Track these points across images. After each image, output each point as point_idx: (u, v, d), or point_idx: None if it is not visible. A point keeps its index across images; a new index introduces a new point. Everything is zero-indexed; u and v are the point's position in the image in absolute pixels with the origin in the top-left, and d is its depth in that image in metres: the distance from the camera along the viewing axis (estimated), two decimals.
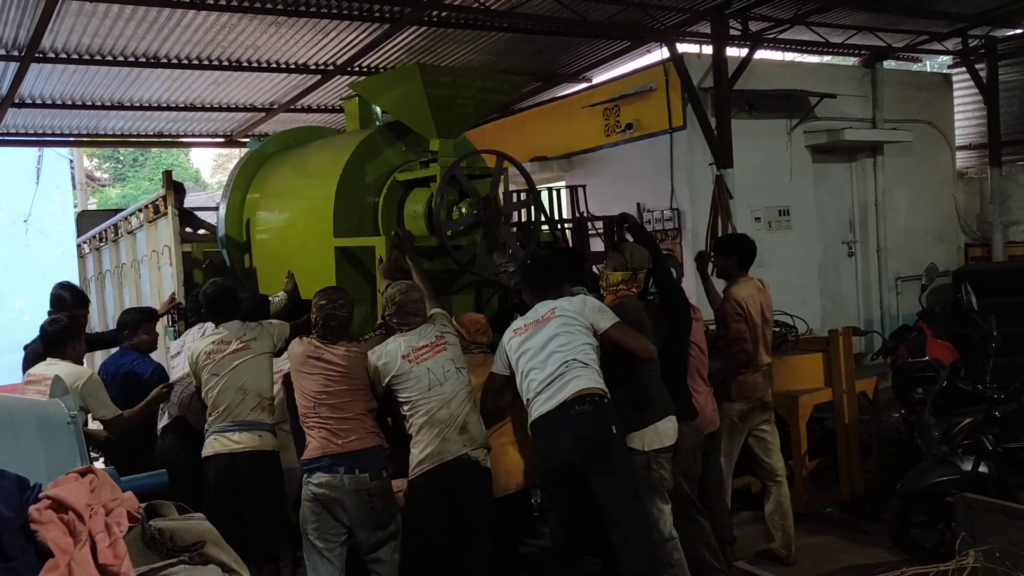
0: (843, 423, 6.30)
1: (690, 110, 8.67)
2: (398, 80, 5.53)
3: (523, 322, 4.31)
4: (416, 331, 4.39)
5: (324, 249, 5.35)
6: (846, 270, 10.54)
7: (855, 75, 10.53)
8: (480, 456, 4.29)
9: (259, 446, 4.52)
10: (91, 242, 8.38)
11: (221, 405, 4.55)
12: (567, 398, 4.06)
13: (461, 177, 5.21)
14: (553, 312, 4.25)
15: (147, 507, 1.87)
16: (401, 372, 4.29)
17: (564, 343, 4.16)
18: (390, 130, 5.70)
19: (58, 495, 1.65)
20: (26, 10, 6.83)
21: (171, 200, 5.88)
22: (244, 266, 6.27)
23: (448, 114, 5.27)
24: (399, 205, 5.51)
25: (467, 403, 4.32)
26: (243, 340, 4.64)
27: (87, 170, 21.52)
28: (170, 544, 1.74)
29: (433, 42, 8.67)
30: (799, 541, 5.47)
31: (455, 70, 6.34)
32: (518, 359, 4.25)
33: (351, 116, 6.17)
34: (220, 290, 4.86)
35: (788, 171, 9.60)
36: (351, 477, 4.18)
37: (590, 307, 4.31)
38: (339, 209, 5.33)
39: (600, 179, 9.73)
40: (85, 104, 9.58)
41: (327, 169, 5.58)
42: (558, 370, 4.11)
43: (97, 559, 1.57)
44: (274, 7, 7.34)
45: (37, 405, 2.57)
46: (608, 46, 9.78)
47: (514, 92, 6.03)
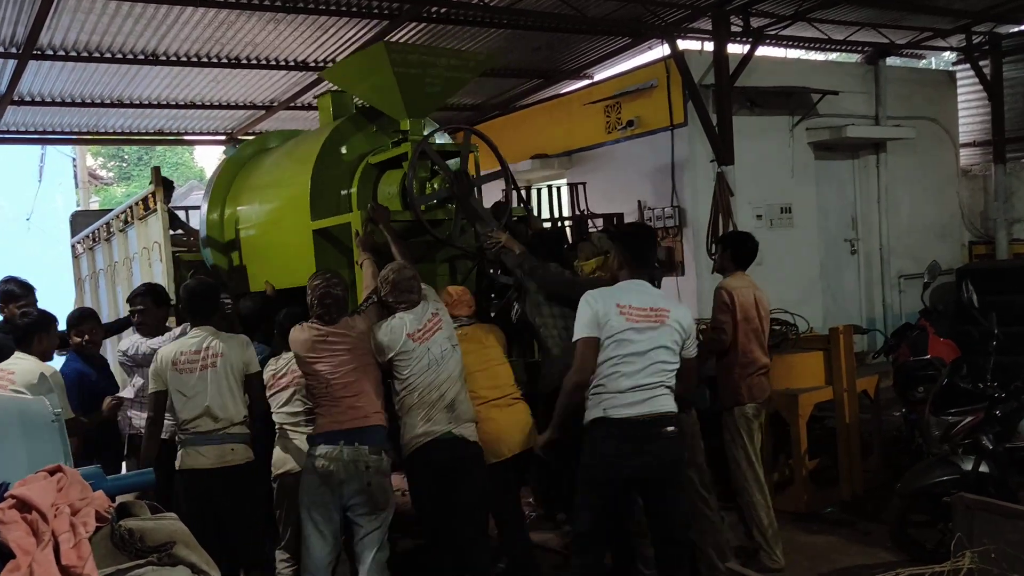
0: (844, 422, 6.24)
1: (691, 107, 8.62)
2: (366, 60, 5.63)
3: (629, 301, 3.96)
4: (416, 309, 4.47)
5: (303, 235, 5.43)
6: (848, 268, 10.48)
7: (858, 72, 10.47)
8: (467, 432, 4.35)
9: (230, 461, 4.51)
10: (84, 241, 8.34)
11: (187, 422, 4.55)
12: (656, 414, 3.91)
13: (431, 152, 5.24)
14: (666, 318, 3.98)
15: (119, 507, 1.83)
16: (405, 350, 4.38)
17: (665, 366, 3.96)
18: (362, 116, 5.79)
19: (22, 494, 1.61)
20: (23, 6, 6.80)
21: (160, 196, 5.85)
22: (226, 266, 6.40)
23: (416, 93, 5.34)
24: (374, 188, 5.56)
25: (458, 381, 4.40)
26: (210, 354, 4.56)
27: (90, 169, 21.55)
28: (139, 544, 1.70)
29: (433, 38, 8.62)
30: (798, 541, 5.42)
31: (421, 48, 6.52)
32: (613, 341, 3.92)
33: (324, 111, 6.24)
34: (200, 287, 4.84)
35: (790, 168, 9.55)
36: (350, 448, 4.25)
37: (693, 332, 4.16)
38: (315, 195, 5.42)
39: (601, 176, 9.68)
40: (85, 102, 9.55)
41: (301, 160, 5.69)
42: (652, 384, 3.92)
43: (60, 560, 1.54)
44: (272, 4, 7.31)
45: (21, 403, 2.54)
46: (609, 43, 9.73)
47: (480, 70, 6.08)
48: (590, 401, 3.97)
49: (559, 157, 10.43)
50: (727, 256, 5.35)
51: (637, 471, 3.89)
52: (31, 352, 4.73)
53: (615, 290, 4.08)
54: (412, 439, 4.37)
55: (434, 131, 5.54)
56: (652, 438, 3.89)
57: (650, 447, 3.88)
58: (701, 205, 8.72)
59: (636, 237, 4.34)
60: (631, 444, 3.87)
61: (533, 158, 10.48)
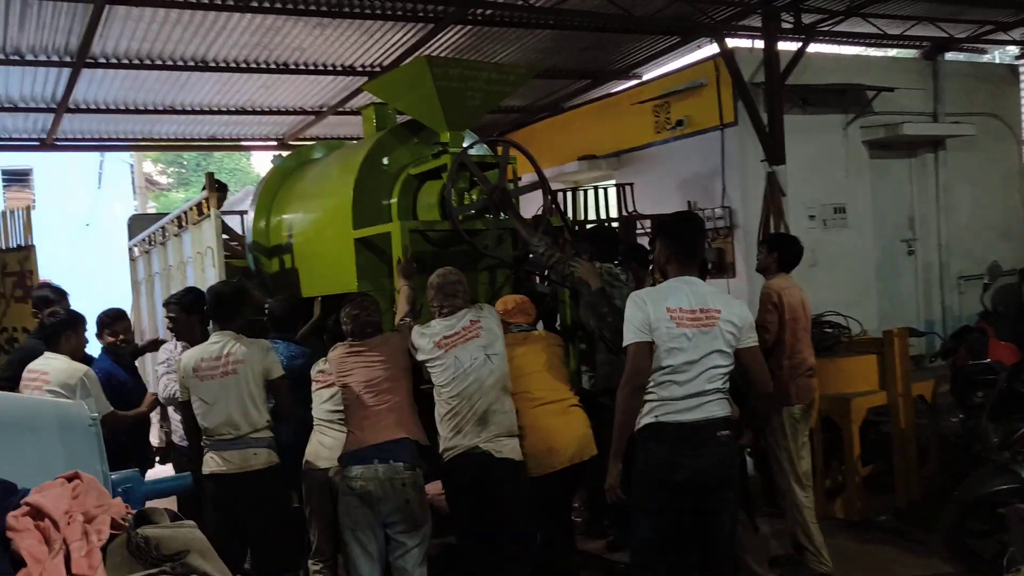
0: (898, 427, 6.08)
1: (741, 106, 8.45)
2: (408, 74, 5.79)
3: (679, 303, 3.76)
4: (455, 315, 4.48)
5: (345, 243, 5.56)
6: (905, 269, 10.18)
7: (915, 68, 10.17)
8: (498, 447, 4.29)
9: (253, 465, 4.52)
10: (141, 245, 8.50)
11: (211, 427, 4.57)
12: (710, 418, 3.74)
13: (470, 164, 5.31)
14: (717, 319, 3.75)
15: (138, 514, 1.82)
16: (432, 357, 4.42)
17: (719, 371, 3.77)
18: (404, 129, 5.93)
19: (36, 502, 1.60)
20: (75, 16, 6.94)
21: (213, 202, 5.91)
22: (269, 271, 6.64)
23: (457, 106, 5.46)
24: (414, 198, 5.68)
25: (492, 391, 4.34)
26: (230, 360, 4.56)
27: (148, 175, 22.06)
28: (155, 553, 1.68)
29: (478, 41, 8.61)
30: (850, 550, 5.27)
31: (463, 61, 6.60)
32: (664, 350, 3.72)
33: (368, 122, 6.39)
34: (226, 290, 4.88)
35: (844, 167, 9.32)
36: (385, 466, 4.24)
37: (749, 323, 3.87)
38: (357, 205, 5.56)
39: (650, 177, 9.57)
40: (138, 109, 9.73)
41: (345, 171, 5.85)
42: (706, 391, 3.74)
43: (71, 568, 1.52)
44: (318, 8, 7.36)
45: (60, 407, 2.57)
46: (657, 42, 9.59)
47: (519, 83, 6.17)
48: (645, 408, 3.81)
49: (607, 158, 10.33)
50: (774, 258, 5.26)
51: (691, 476, 3.72)
52: (60, 351, 4.81)
53: (664, 290, 3.87)
54: (443, 451, 4.39)
55: (473, 143, 5.61)
56: (706, 442, 3.73)
57: (704, 451, 3.72)
58: (752, 206, 8.55)
59: (681, 227, 4.04)
60: (686, 447, 3.72)
61: (581, 159, 10.39)
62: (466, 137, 5.70)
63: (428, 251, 5.54)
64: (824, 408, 5.97)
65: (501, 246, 5.61)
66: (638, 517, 3.88)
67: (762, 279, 5.53)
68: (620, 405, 3.81)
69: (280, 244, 6.62)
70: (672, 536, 3.81)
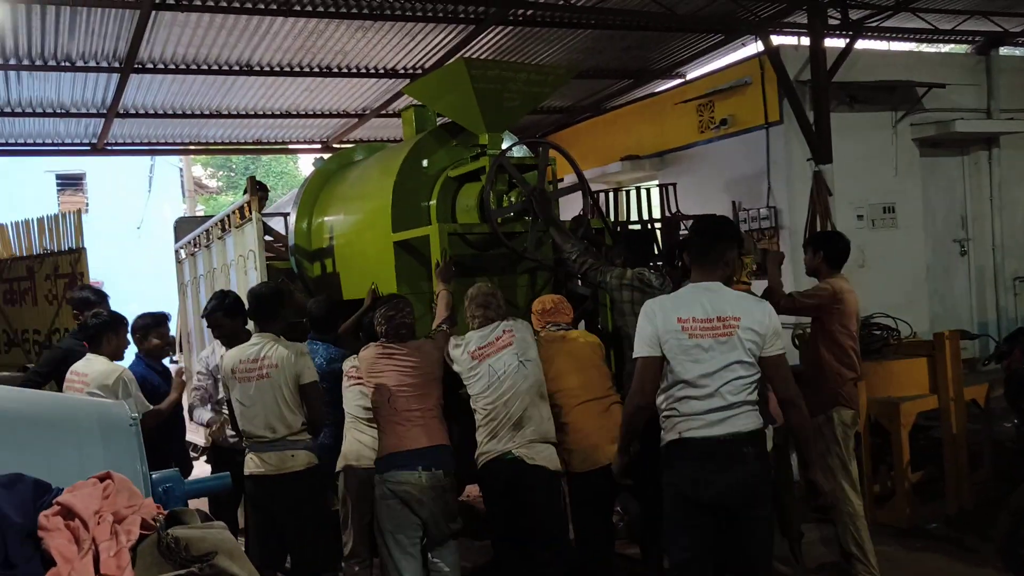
0: (950, 432, 5.91)
1: (787, 104, 8.31)
2: (446, 77, 5.77)
3: (691, 313, 3.54)
4: (489, 326, 4.53)
5: (384, 246, 5.58)
6: (958, 270, 9.93)
7: (967, 63, 9.93)
8: (532, 453, 4.29)
9: (291, 467, 4.53)
10: (187, 247, 8.62)
11: (248, 428, 4.61)
12: (737, 433, 3.49)
13: (508, 166, 5.30)
14: (735, 328, 3.50)
15: (169, 515, 1.82)
16: (466, 368, 4.46)
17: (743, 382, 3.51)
18: (443, 131, 5.93)
19: (66, 501, 1.61)
20: (123, 23, 7.07)
21: (255, 206, 5.96)
22: (312, 274, 6.71)
23: (495, 108, 5.44)
24: (452, 200, 5.67)
25: (528, 396, 4.36)
26: (265, 364, 4.57)
27: (197, 179, 22.43)
28: (184, 554, 1.68)
29: (519, 42, 8.59)
30: (899, 558, 5.14)
31: (501, 63, 6.55)
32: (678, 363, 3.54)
33: (407, 124, 6.41)
34: (266, 291, 4.87)
35: (893, 166, 9.11)
36: (428, 474, 4.31)
37: (773, 329, 3.56)
38: (396, 207, 5.58)
39: (694, 177, 9.46)
40: (185, 113, 9.89)
41: (384, 173, 5.88)
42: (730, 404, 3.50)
43: (99, 568, 1.53)
44: (360, 12, 7.40)
45: (101, 406, 2.59)
46: (700, 40, 9.50)
47: (558, 84, 6.13)
48: (664, 424, 3.64)
49: (650, 158, 10.24)
50: (820, 258, 5.13)
51: (718, 495, 3.50)
52: (102, 352, 4.86)
53: (677, 299, 3.67)
54: (478, 455, 4.43)
55: (512, 145, 5.59)
56: (733, 459, 3.49)
57: (731, 468, 3.49)
58: (798, 205, 8.41)
59: (702, 231, 3.82)
60: (711, 464, 3.50)
61: (624, 159, 10.31)
62: (505, 139, 5.68)
63: (467, 254, 5.54)
64: (872, 412, 5.84)
65: (541, 248, 5.57)
66: (671, 536, 3.71)
67: (807, 280, 5.44)
68: (624, 419, 3.78)
69: (321, 246, 6.68)
70: (706, 555, 3.61)
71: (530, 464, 4.30)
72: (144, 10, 6.65)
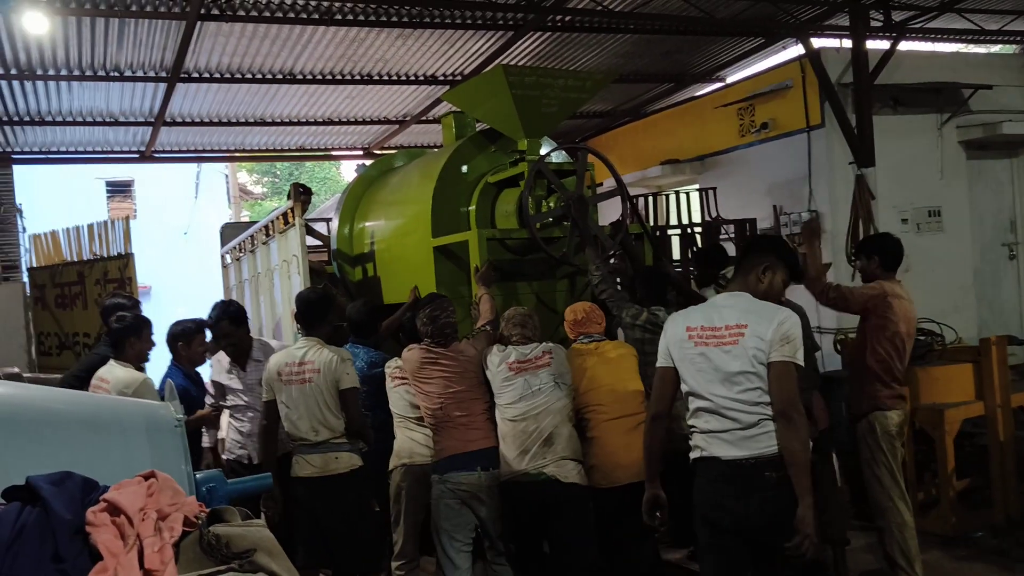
0: (996, 440, 5.81)
1: (828, 107, 8.24)
2: (485, 83, 5.83)
3: (701, 321, 3.44)
4: (529, 345, 4.60)
5: (424, 251, 5.67)
6: (1007, 274, 9.74)
7: (1015, 64, 9.73)
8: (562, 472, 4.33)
9: (334, 469, 4.60)
10: (232, 252, 8.77)
11: (293, 431, 4.69)
12: (757, 456, 3.27)
13: (547, 171, 5.34)
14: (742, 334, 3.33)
15: (211, 513, 1.88)
16: (503, 376, 4.50)
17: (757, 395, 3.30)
18: (482, 137, 6.00)
19: (112, 498, 1.66)
20: (169, 33, 7.23)
21: (298, 211, 6.06)
22: (353, 278, 6.85)
23: (533, 114, 5.48)
24: (492, 206, 5.73)
25: (559, 416, 4.41)
26: (309, 369, 4.64)
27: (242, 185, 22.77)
28: (225, 551, 1.73)
29: (558, 47, 8.62)
30: (944, 567, 5.06)
31: (539, 69, 6.70)
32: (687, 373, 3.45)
33: (447, 130, 6.49)
34: (313, 296, 4.95)
35: (939, 169, 8.97)
36: (487, 474, 4.44)
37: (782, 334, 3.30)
38: (436, 213, 5.66)
39: (734, 181, 9.40)
40: (230, 121, 10.07)
41: (424, 179, 5.97)
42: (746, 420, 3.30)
43: (143, 564, 1.58)
44: (400, 20, 7.49)
45: (147, 408, 2.66)
46: (740, 44, 9.45)
47: (596, 90, 6.13)
48: (692, 440, 3.49)
49: (691, 162, 10.19)
50: (875, 263, 4.98)
51: (736, 522, 3.30)
52: (124, 357, 4.87)
53: (696, 309, 3.61)
54: (505, 471, 4.45)
55: (551, 151, 5.65)
56: (751, 485, 3.27)
57: (750, 496, 3.26)
58: (840, 210, 8.32)
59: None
60: (729, 489, 3.31)
61: (664, 164, 10.28)
62: (544, 144, 5.72)
63: (506, 259, 5.58)
64: (917, 419, 5.75)
65: (579, 254, 5.57)
66: (700, 558, 3.63)
67: (849, 284, 5.36)
68: (644, 434, 3.69)
69: (363, 251, 6.79)
70: None
71: (565, 483, 4.34)
72: (190, 21, 6.80)
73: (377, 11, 7.29)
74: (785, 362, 3.28)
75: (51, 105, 8.95)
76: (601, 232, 5.64)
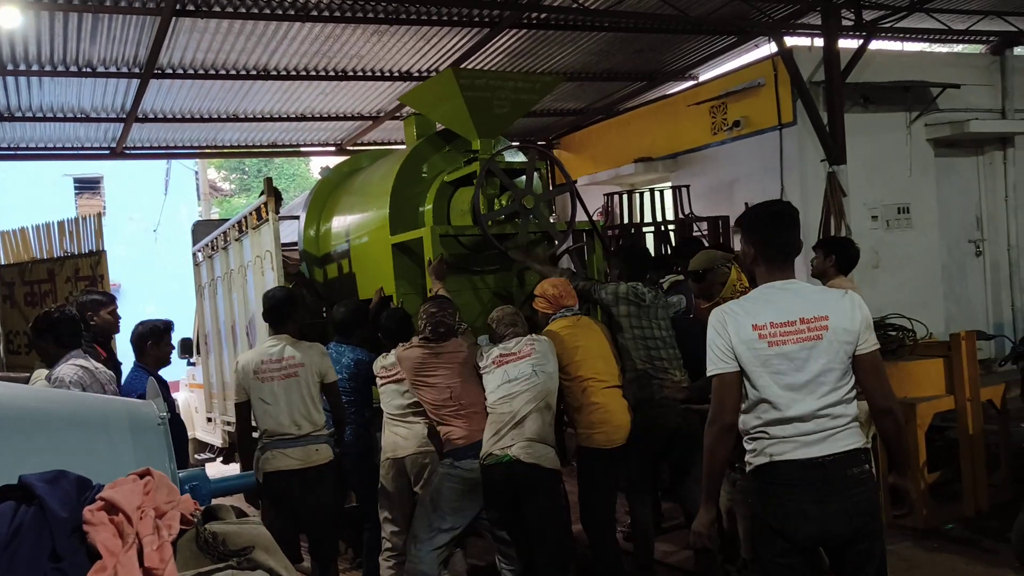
0: (966, 433, 5.91)
1: (800, 105, 8.35)
2: (438, 86, 6.07)
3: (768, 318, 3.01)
4: (512, 341, 4.70)
5: (384, 249, 5.89)
6: (973, 270, 9.92)
7: (982, 63, 9.92)
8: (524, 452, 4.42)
9: (315, 460, 4.73)
10: (204, 250, 8.70)
11: (272, 426, 4.74)
12: (841, 452, 2.95)
13: (497, 170, 5.51)
14: (825, 329, 2.98)
15: (205, 510, 1.88)
16: (488, 371, 4.65)
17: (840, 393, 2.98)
18: (439, 138, 6.22)
19: (110, 497, 1.66)
20: (143, 29, 7.16)
21: (272, 206, 6.03)
22: (319, 278, 7.10)
23: (486, 115, 5.70)
24: (448, 204, 5.92)
25: (534, 403, 4.50)
26: (291, 362, 4.77)
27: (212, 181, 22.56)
28: (222, 548, 1.74)
29: (533, 45, 8.64)
30: (916, 559, 5.15)
31: (488, 73, 7.10)
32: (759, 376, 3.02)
33: (409, 129, 6.67)
34: (282, 294, 5.06)
35: (908, 166, 9.13)
36: None
37: (866, 323, 3.03)
38: (394, 212, 5.89)
39: (707, 179, 9.50)
40: (203, 117, 9.97)
41: (384, 178, 6.20)
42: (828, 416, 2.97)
43: (143, 562, 1.58)
44: (375, 16, 7.47)
45: (131, 406, 2.65)
46: (713, 42, 9.52)
47: (546, 92, 6.42)
48: (751, 447, 3.09)
49: (664, 160, 10.27)
50: (831, 262, 5.13)
51: (819, 531, 2.95)
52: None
53: (750, 303, 3.12)
54: (483, 454, 4.55)
55: (502, 149, 5.81)
56: (834, 484, 2.93)
57: (834, 496, 2.93)
58: (811, 206, 8.42)
59: (767, 219, 3.18)
60: (809, 493, 2.94)
61: (637, 161, 10.35)
62: (500, 143, 5.91)
63: (462, 254, 5.78)
64: None
65: (536, 248, 5.84)
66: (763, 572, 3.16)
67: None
68: (706, 448, 3.13)
69: (328, 251, 6.96)
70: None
71: (527, 463, 4.42)
72: (164, 16, 6.74)
73: (353, 7, 7.27)
74: (876, 352, 3.04)
75: (20, 101, 8.82)
76: (552, 227, 5.84)
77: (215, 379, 8.29)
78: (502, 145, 5.95)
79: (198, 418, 9.63)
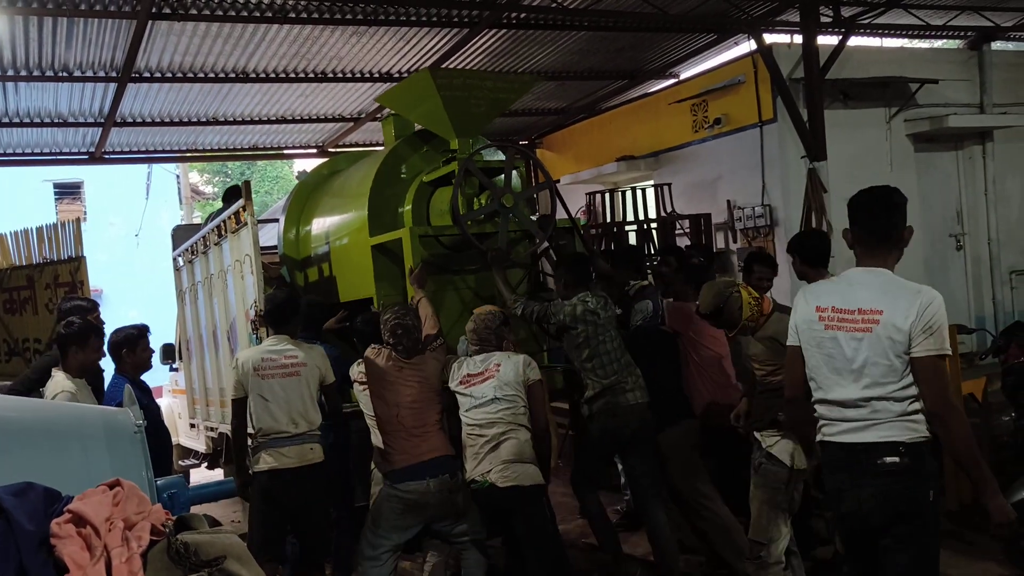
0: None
1: (780, 102, 8.37)
2: (414, 86, 6.04)
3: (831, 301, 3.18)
4: (481, 356, 4.74)
5: (364, 250, 5.91)
6: (954, 264, 9.98)
7: (960, 58, 9.98)
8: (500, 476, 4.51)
9: (310, 459, 4.79)
10: (184, 255, 8.65)
11: (270, 424, 4.77)
12: (875, 442, 3.06)
13: (475, 170, 5.49)
14: (876, 322, 3.06)
15: (177, 520, 1.86)
16: (459, 390, 4.73)
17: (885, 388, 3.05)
18: (417, 138, 6.21)
19: (78, 509, 1.64)
20: (120, 33, 7.10)
21: (250, 210, 6.00)
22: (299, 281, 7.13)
23: (463, 114, 5.69)
24: (427, 204, 5.92)
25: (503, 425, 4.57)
26: (293, 362, 4.85)
27: (194, 185, 22.43)
28: (194, 558, 1.72)
29: (513, 45, 8.63)
30: None
31: (466, 72, 7.07)
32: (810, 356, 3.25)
33: (388, 129, 6.68)
34: (284, 297, 5.20)
35: (888, 162, 9.17)
36: (435, 480, 4.51)
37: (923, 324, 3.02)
38: (373, 213, 5.90)
39: (689, 177, 9.52)
40: (183, 121, 9.91)
41: (363, 180, 6.20)
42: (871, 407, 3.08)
43: (112, 574, 1.56)
44: (354, 17, 7.43)
45: (107, 414, 2.62)
46: (693, 40, 9.53)
47: (523, 91, 6.50)
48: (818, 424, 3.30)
49: (645, 158, 10.29)
50: (799, 261, 4.90)
51: (853, 509, 3.13)
52: (67, 365, 4.67)
53: (828, 284, 3.35)
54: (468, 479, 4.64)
55: (480, 148, 5.81)
56: (865, 470, 3.07)
57: (864, 481, 3.07)
58: (793, 203, 8.46)
59: (865, 203, 3.30)
60: (844, 474, 3.14)
61: (619, 160, 10.36)
62: (478, 143, 5.91)
63: (442, 255, 5.77)
64: None
65: (515, 248, 5.85)
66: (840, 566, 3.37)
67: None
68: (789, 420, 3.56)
69: (308, 254, 6.95)
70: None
71: (502, 487, 4.50)
72: (141, 20, 6.68)
73: (331, 8, 7.23)
74: (932, 357, 3.00)
75: None
76: (532, 225, 5.83)
77: (197, 384, 8.24)
78: (480, 144, 5.94)
79: (181, 424, 9.56)
